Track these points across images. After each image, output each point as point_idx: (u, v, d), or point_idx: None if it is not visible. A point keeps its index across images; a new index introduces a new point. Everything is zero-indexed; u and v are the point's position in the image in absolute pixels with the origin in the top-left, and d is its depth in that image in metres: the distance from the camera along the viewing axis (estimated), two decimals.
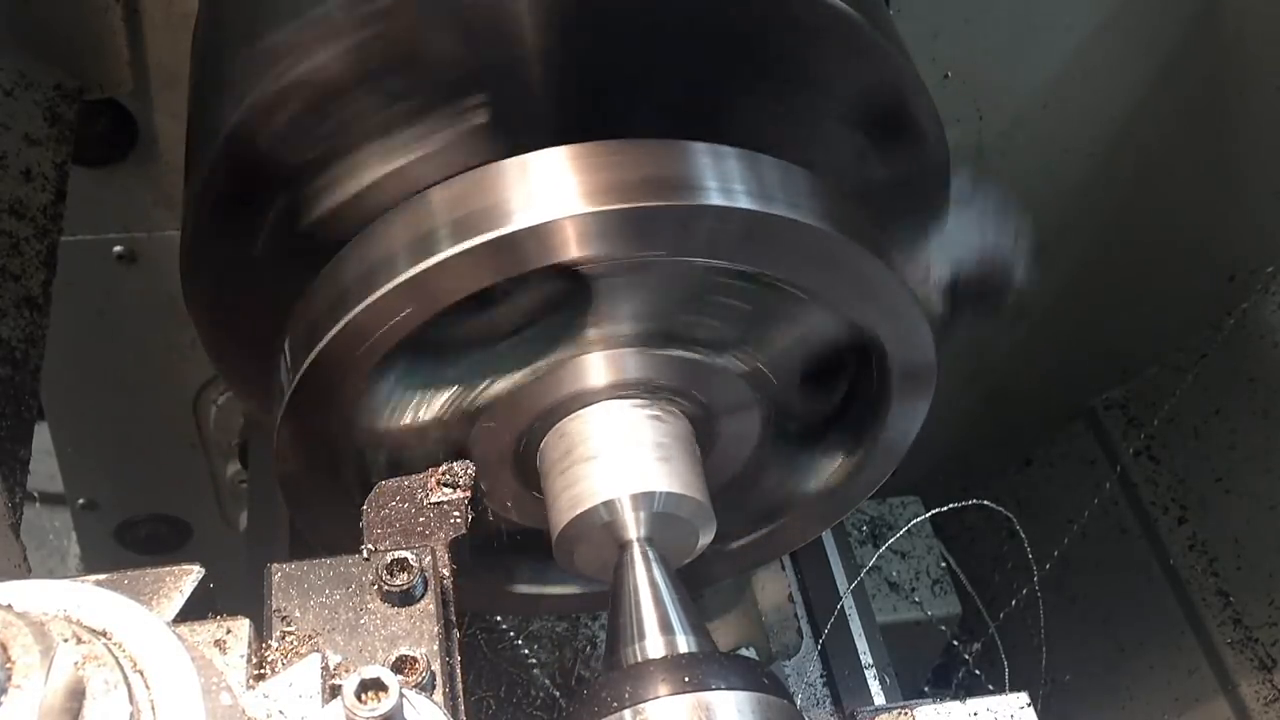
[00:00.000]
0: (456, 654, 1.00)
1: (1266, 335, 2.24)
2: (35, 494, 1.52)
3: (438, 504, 1.13)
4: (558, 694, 1.66)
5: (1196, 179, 2.23)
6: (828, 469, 1.37)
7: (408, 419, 1.17)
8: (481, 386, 1.16)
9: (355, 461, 1.21)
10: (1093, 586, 2.63)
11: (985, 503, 1.80)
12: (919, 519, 2.41)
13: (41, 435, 1.70)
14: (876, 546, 2.48)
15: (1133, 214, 2.29)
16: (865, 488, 1.39)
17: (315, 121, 1.10)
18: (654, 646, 1.08)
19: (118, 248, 1.89)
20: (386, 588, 0.98)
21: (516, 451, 1.22)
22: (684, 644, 1.08)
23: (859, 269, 1.12)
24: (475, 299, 1.05)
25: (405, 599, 0.98)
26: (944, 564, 2.55)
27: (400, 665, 0.93)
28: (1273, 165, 2.11)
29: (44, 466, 2.15)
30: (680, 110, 1.12)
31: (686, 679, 1.00)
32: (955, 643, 2.46)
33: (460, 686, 0.98)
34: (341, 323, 1.06)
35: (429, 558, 1.01)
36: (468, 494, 1.14)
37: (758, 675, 1.04)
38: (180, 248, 1.21)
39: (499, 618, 1.66)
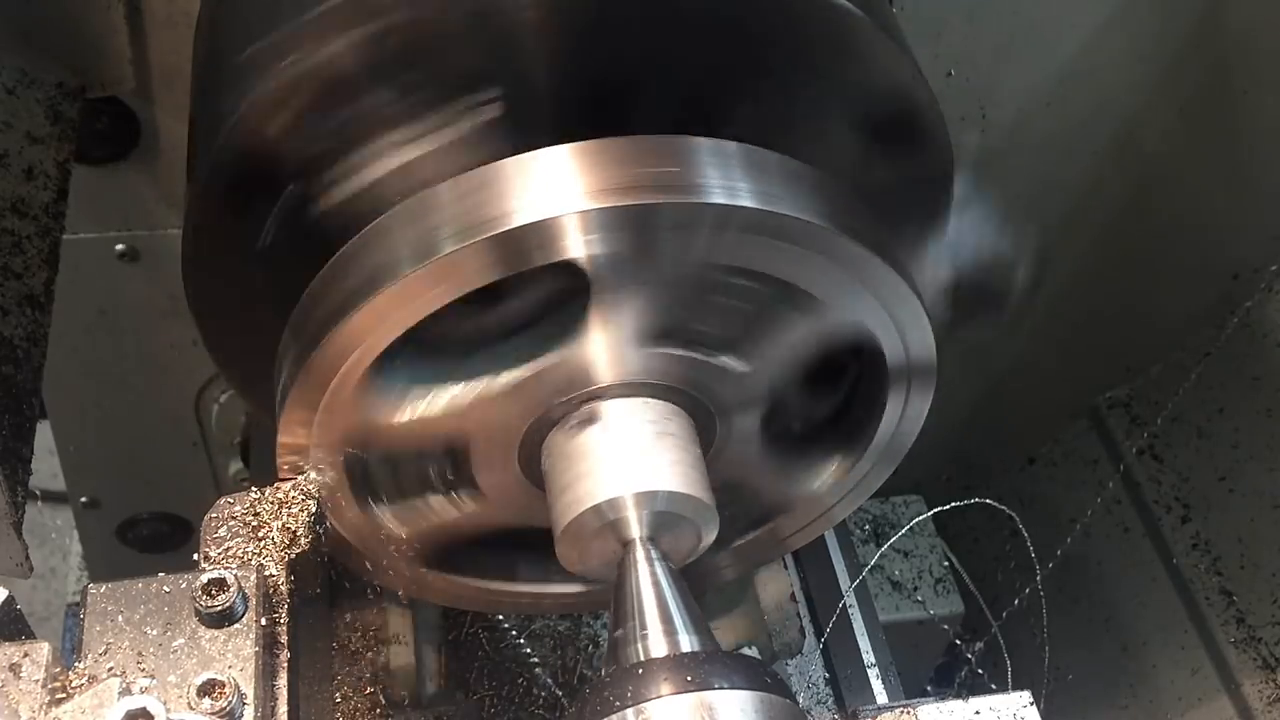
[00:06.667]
0: (282, 676, 0.98)
1: (1270, 334, 2.24)
2: (37, 492, 1.52)
3: (279, 520, 1.11)
4: (560, 693, 1.66)
5: (1200, 177, 2.22)
6: (829, 468, 1.36)
7: (409, 416, 1.17)
8: (484, 383, 1.16)
9: (356, 459, 1.21)
10: (1096, 585, 2.63)
11: (988, 501, 1.80)
12: (921, 518, 2.42)
13: (43, 433, 1.70)
14: (879, 545, 2.48)
15: (1136, 212, 2.29)
16: (868, 487, 1.39)
17: (320, 117, 1.11)
18: (656, 645, 1.07)
19: (120, 246, 1.89)
20: (203, 608, 0.96)
21: (520, 448, 1.21)
22: (686, 643, 1.08)
23: (861, 267, 1.12)
24: (478, 297, 1.05)
25: (222, 619, 0.96)
26: (946, 563, 2.55)
27: (207, 689, 0.92)
28: (1277, 164, 2.11)
29: (46, 465, 2.15)
30: (684, 109, 1.12)
31: (689, 678, 1.00)
32: (958, 642, 2.46)
33: (284, 708, 0.96)
34: (342, 323, 1.06)
35: (253, 576, 0.99)
36: (312, 510, 1.13)
37: (760, 674, 1.03)
38: (182, 246, 1.21)
39: (501, 616, 1.66)
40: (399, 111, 1.12)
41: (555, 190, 1.03)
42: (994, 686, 2.26)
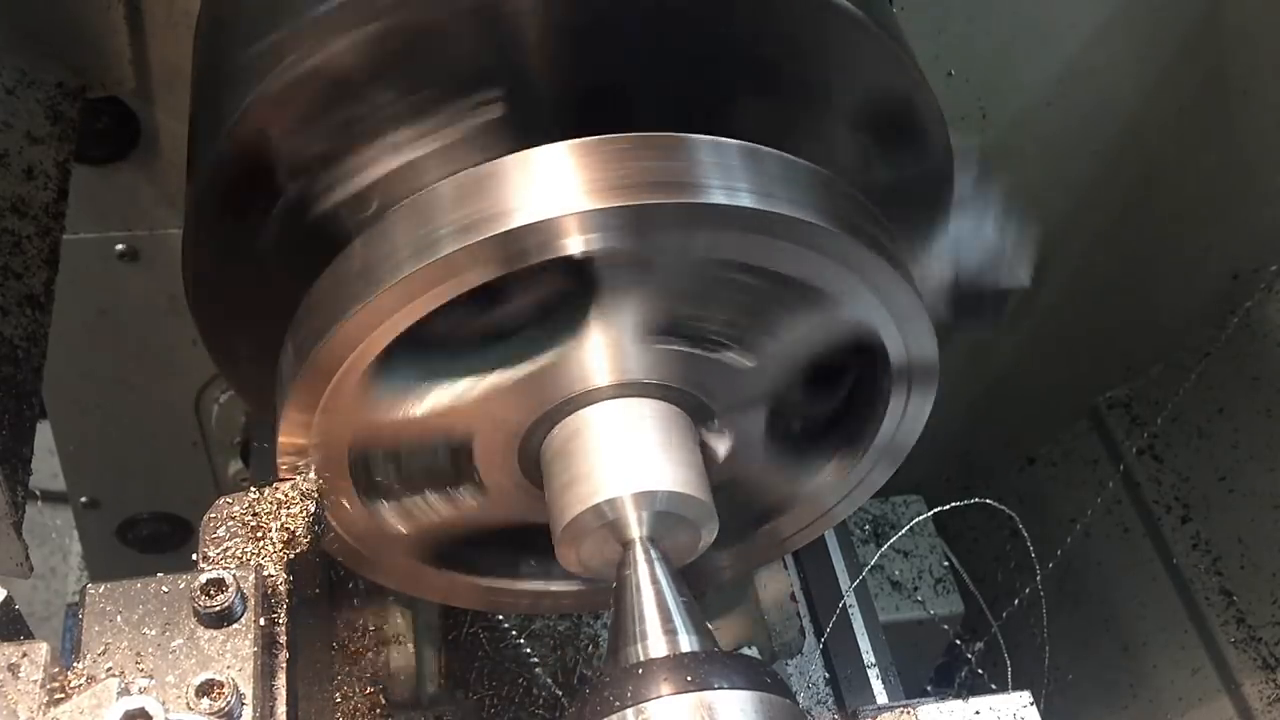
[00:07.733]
0: (280, 676, 0.98)
1: (1270, 334, 2.24)
2: (37, 492, 1.52)
3: (278, 520, 1.11)
4: (560, 693, 1.66)
5: (1200, 177, 2.22)
6: (828, 468, 1.36)
7: (410, 414, 1.17)
8: (483, 382, 1.16)
9: (358, 457, 1.21)
10: (1096, 585, 2.63)
11: (988, 501, 1.80)
12: (921, 518, 2.41)
13: (43, 433, 1.70)
14: (879, 545, 2.48)
15: (1137, 212, 2.29)
16: (869, 487, 1.39)
17: (320, 117, 1.10)
18: (656, 646, 1.07)
19: (120, 246, 1.89)
20: (201, 609, 0.96)
21: (520, 448, 1.21)
22: (686, 643, 1.08)
23: (861, 266, 1.12)
24: (478, 294, 1.05)
25: (221, 620, 0.96)
26: (947, 563, 2.55)
27: (205, 689, 0.92)
28: (1277, 164, 2.11)
29: (46, 465, 2.15)
30: (684, 108, 1.12)
31: (689, 678, 1.00)
32: (958, 642, 2.46)
33: (283, 708, 0.96)
34: (343, 323, 1.06)
35: (252, 576, 0.99)
36: (311, 510, 1.13)
37: (760, 674, 1.03)
38: (182, 245, 1.21)
39: (501, 616, 1.66)
40: (400, 112, 1.11)
41: (556, 189, 1.02)
42: (994, 686, 2.26)
